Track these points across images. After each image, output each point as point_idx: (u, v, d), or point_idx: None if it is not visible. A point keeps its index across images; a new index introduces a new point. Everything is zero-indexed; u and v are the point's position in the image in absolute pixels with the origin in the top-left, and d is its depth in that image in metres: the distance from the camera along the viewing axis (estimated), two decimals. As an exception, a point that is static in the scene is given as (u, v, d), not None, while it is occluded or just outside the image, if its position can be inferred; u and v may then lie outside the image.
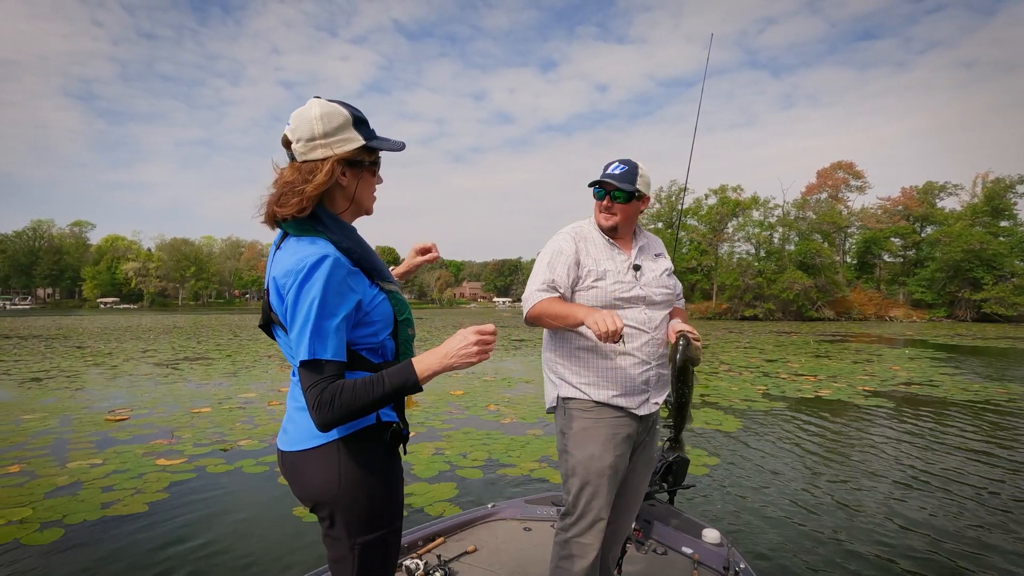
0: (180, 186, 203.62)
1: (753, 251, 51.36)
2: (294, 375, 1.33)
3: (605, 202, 1.95)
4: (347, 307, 1.21)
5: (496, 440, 5.71)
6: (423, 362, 1.21)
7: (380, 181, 1.40)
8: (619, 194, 1.93)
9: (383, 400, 1.18)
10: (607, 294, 1.90)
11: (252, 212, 1.30)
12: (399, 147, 1.34)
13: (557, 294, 1.88)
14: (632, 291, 1.92)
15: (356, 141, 1.27)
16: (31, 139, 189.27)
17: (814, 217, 51.25)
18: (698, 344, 1.85)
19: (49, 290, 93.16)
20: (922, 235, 52.75)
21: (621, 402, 1.88)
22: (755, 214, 50.86)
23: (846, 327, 34.23)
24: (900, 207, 54.21)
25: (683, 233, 53.88)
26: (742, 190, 51.37)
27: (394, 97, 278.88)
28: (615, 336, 1.62)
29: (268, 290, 1.28)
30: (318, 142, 1.24)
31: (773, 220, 51.23)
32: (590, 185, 1.99)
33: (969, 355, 15.55)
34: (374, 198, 1.40)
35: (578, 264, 1.92)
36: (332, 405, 1.14)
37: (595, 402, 1.88)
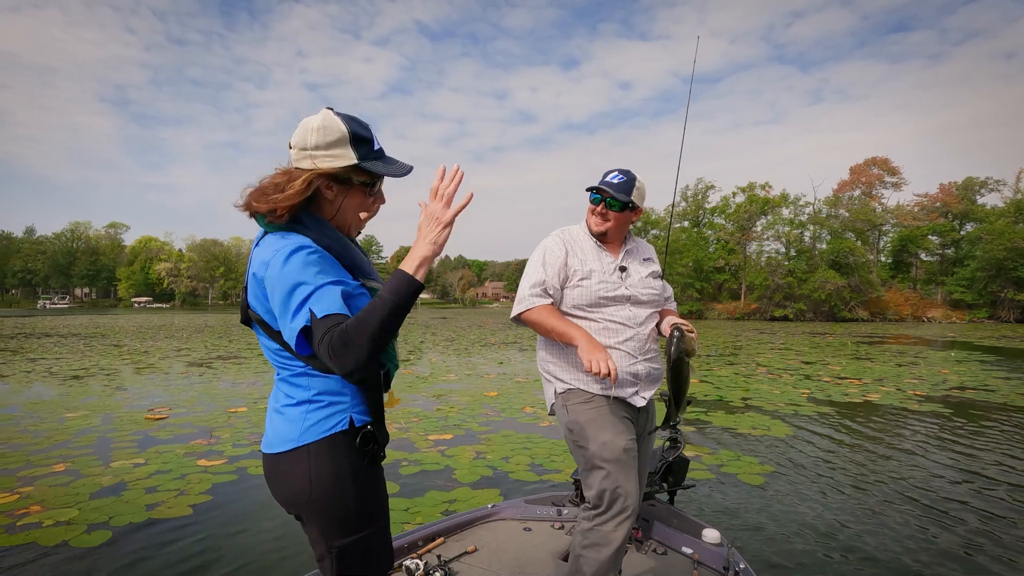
0: (209, 188, 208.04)
1: (783, 250, 50.23)
2: (278, 375, 1.35)
3: (600, 208, 2.03)
4: (338, 271, 1.21)
5: (537, 444, 5.55)
6: (412, 259, 1.19)
7: (382, 201, 1.38)
8: (614, 203, 2.00)
9: (394, 314, 1.13)
10: (592, 293, 1.97)
11: (241, 223, 1.28)
12: (403, 172, 1.30)
13: (550, 300, 1.97)
14: (617, 291, 1.98)
15: (345, 159, 1.25)
16: (68, 143, 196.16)
17: (847, 215, 49.93)
18: (692, 336, 1.90)
19: (86, 289, 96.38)
20: (962, 233, 50.87)
21: (612, 394, 1.94)
22: (785, 212, 49.77)
23: (882, 328, 33.18)
24: (938, 204, 52.38)
25: (710, 232, 53.02)
26: (770, 187, 50.34)
27: (416, 98, 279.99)
28: (607, 378, 1.72)
29: (246, 287, 1.29)
30: (307, 152, 1.25)
31: (804, 218, 50.05)
32: (588, 190, 2.06)
33: (1018, 358, 14.83)
34: (360, 219, 1.36)
35: (566, 265, 2.00)
36: (347, 347, 1.09)
37: (592, 393, 1.93)
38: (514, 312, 2.01)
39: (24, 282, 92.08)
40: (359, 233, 1.41)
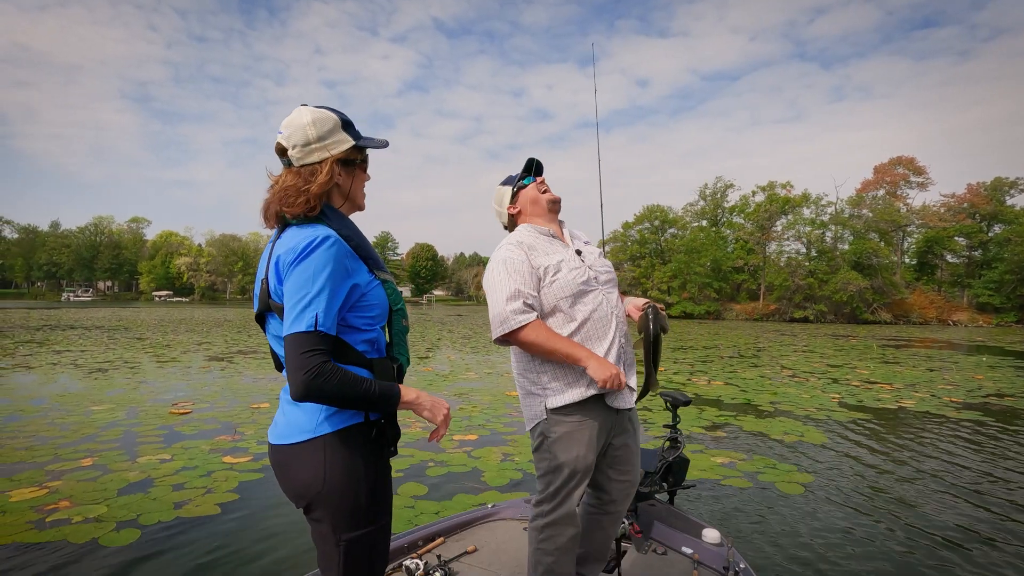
0: (228, 184, 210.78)
1: (803, 250, 49.40)
2: None
3: (540, 179, 2.10)
4: (346, 289, 1.27)
5: (564, 447, 5.42)
6: (407, 389, 1.32)
7: (369, 178, 1.49)
8: (540, 171, 2.13)
9: (366, 400, 1.23)
10: (570, 283, 1.91)
11: (258, 219, 1.37)
12: (383, 144, 1.43)
13: (535, 313, 1.85)
14: (586, 275, 1.96)
15: (348, 142, 1.36)
16: (92, 140, 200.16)
17: (870, 215, 48.94)
18: (663, 313, 1.98)
19: (109, 283, 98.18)
20: (990, 234, 49.56)
21: (609, 390, 1.91)
22: (806, 211, 48.92)
23: (907, 331, 32.48)
24: (966, 204, 51.08)
25: (729, 231, 52.31)
26: (791, 187, 49.50)
27: (433, 95, 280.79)
28: (619, 385, 1.79)
29: (266, 278, 1.31)
30: (313, 146, 1.33)
31: (825, 218, 49.15)
32: (520, 179, 2.10)
33: (1056, 364, 14.33)
34: (364, 194, 1.48)
35: (532, 267, 1.92)
36: (329, 381, 1.18)
37: (576, 404, 1.89)
38: (498, 332, 1.84)
39: (49, 275, 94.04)
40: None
